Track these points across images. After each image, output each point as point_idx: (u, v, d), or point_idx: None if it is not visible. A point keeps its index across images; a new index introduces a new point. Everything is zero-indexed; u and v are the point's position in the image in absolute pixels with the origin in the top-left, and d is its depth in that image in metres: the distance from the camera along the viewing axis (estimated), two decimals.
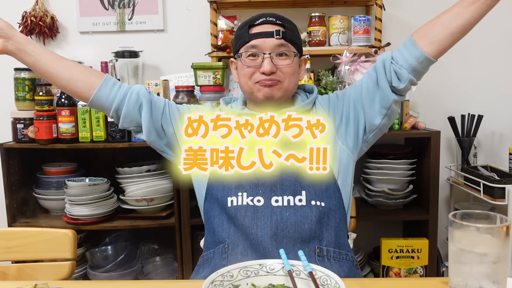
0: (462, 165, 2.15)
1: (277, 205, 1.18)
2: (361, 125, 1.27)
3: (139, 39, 2.28)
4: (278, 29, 1.24)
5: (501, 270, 0.79)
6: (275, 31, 1.23)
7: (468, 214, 0.83)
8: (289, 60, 1.26)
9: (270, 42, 1.23)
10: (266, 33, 1.24)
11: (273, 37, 1.23)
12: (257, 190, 1.20)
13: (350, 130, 1.27)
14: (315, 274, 0.84)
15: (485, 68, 2.28)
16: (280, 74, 1.25)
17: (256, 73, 1.25)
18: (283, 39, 1.24)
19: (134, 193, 2.03)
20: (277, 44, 1.24)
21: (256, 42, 1.24)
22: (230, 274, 0.83)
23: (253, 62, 1.25)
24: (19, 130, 2.02)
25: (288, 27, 1.26)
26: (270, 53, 1.23)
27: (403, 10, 2.26)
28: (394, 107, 1.26)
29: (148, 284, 1.17)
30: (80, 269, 2.14)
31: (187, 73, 2.16)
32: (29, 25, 2.21)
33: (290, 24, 1.28)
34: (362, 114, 1.27)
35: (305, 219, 1.17)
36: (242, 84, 1.30)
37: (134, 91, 1.28)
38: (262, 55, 1.24)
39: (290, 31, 1.26)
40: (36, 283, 0.92)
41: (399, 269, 2.01)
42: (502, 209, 1.85)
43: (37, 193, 2.12)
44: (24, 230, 1.30)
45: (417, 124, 2.08)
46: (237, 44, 1.29)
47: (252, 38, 1.24)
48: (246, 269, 0.86)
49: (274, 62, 1.24)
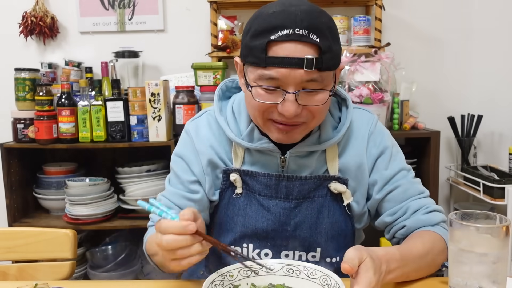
0: (462, 165, 2.16)
1: None
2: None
3: (139, 39, 2.28)
4: (311, 56, 0.84)
5: (501, 270, 0.79)
6: (306, 59, 0.83)
7: (468, 214, 0.83)
8: (322, 96, 0.89)
9: (296, 76, 0.85)
10: (292, 61, 0.84)
11: (302, 68, 0.84)
12: (265, 243, 1.03)
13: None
14: (315, 274, 0.83)
15: (485, 68, 2.28)
16: (306, 114, 0.91)
17: (271, 110, 0.91)
18: (317, 70, 0.85)
19: (134, 193, 2.03)
20: (306, 79, 0.86)
21: (276, 73, 0.85)
22: (230, 274, 0.82)
23: (269, 97, 0.89)
24: (20, 130, 2.02)
25: (326, 47, 0.85)
26: (296, 92, 0.86)
27: (403, 10, 2.26)
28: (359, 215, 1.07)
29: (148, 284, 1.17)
30: (80, 269, 2.14)
31: (187, 73, 2.16)
32: (29, 25, 2.21)
33: (328, 37, 0.86)
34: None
35: None
36: (249, 112, 0.98)
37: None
38: (283, 92, 0.87)
39: (328, 55, 0.86)
40: (36, 283, 0.92)
41: None
42: (501, 209, 1.85)
43: (37, 193, 2.12)
44: (24, 230, 1.30)
45: (417, 124, 2.08)
46: (246, 56, 0.90)
47: (271, 64, 0.85)
48: (246, 269, 0.85)
49: (300, 100, 0.87)
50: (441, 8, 2.26)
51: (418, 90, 2.19)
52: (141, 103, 1.96)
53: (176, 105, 1.97)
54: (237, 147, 1.03)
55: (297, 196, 1.01)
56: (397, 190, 1.03)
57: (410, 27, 2.27)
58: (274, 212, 1.01)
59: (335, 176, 1.01)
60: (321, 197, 1.02)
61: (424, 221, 1.00)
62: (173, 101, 2.00)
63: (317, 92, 0.89)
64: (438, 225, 1.01)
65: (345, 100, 1.05)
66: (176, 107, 1.97)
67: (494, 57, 2.27)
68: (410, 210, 1.02)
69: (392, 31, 2.24)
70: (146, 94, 1.94)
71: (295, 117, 0.89)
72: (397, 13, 2.26)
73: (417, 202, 1.03)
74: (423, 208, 1.02)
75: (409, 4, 2.26)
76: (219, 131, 1.04)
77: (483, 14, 2.25)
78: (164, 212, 0.80)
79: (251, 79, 0.90)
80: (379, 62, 1.95)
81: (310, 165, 1.02)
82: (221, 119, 1.03)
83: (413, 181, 1.06)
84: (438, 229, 1.00)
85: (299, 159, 1.01)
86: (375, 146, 1.04)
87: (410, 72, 2.18)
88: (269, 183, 1.00)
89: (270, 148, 0.99)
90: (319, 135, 1.01)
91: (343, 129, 1.01)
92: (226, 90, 1.11)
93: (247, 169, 1.01)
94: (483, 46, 2.27)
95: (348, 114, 1.03)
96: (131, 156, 2.21)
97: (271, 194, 1.01)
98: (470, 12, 2.25)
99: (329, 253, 1.04)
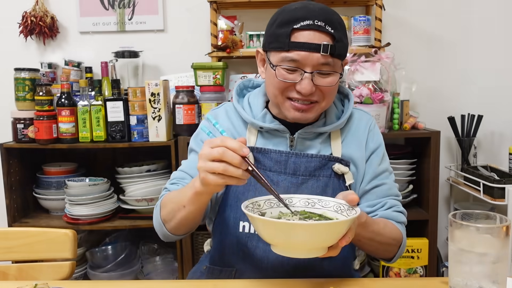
0: (462, 165, 2.16)
1: None
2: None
3: (139, 39, 2.28)
4: (327, 43, 1.02)
5: (501, 270, 0.79)
6: (322, 45, 1.02)
7: (468, 214, 0.83)
8: (333, 79, 1.07)
9: (314, 59, 1.03)
10: (311, 46, 1.02)
11: (319, 52, 1.02)
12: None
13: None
14: (328, 204, 0.96)
15: (485, 68, 2.28)
16: (319, 94, 1.08)
17: (290, 89, 1.08)
18: (330, 56, 1.04)
19: (134, 193, 2.03)
20: (321, 62, 1.04)
21: (297, 56, 1.03)
22: (258, 204, 0.95)
23: (289, 76, 1.06)
24: (19, 130, 2.02)
25: (338, 38, 1.04)
26: (312, 72, 1.04)
27: (403, 10, 2.26)
28: None
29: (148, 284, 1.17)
30: (80, 269, 2.14)
31: (187, 73, 2.16)
32: (29, 25, 2.21)
33: (340, 30, 1.06)
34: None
35: (319, 258, 1.07)
36: (269, 92, 1.13)
37: None
38: (301, 72, 1.04)
39: (340, 44, 1.05)
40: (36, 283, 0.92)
41: (399, 269, 2.01)
42: (502, 209, 1.85)
43: (37, 193, 2.12)
44: (24, 230, 1.30)
45: (417, 124, 2.08)
46: (271, 43, 1.08)
47: (294, 48, 1.03)
48: (270, 201, 0.97)
49: (315, 80, 1.05)
50: (441, 8, 2.26)
51: (418, 90, 2.19)
52: (141, 103, 1.96)
53: (176, 105, 1.97)
54: (251, 128, 1.18)
55: (303, 172, 1.12)
56: (382, 187, 1.18)
57: (410, 27, 2.27)
58: (282, 186, 1.11)
59: (338, 158, 1.14)
60: (326, 177, 1.13)
61: (393, 217, 1.15)
62: (173, 101, 2.00)
63: (329, 74, 1.07)
64: (400, 224, 1.17)
65: (347, 95, 1.23)
66: (176, 107, 1.97)
67: (494, 57, 2.27)
68: (386, 206, 1.16)
69: (392, 31, 2.24)
70: (146, 94, 1.94)
71: (310, 95, 1.06)
72: (397, 13, 2.26)
73: (393, 201, 1.18)
74: (395, 207, 1.18)
75: (409, 4, 2.26)
76: (236, 117, 1.20)
77: (483, 14, 2.25)
78: (211, 133, 0.97)
79: (274, 62, 1.07)
80: (379, 62, 1.95)
81: (315, 146, 1.16)
82: (238, 106, 1.20)
83: (394, 184, 1.22)
84: (400, 226, 1.16)
85: (306, 140, 1.16)
86: (373, 141, 1.20)
87: (410, 72, 2.18)
88: (279, 159, 1.13)
89: (281, 129, 1.14)
90: (325, 121, 1.17)
91: (345, 116, 1.17)
92: (243, 88, 1.28)
93: (260, 147, 1.14)
94: (483, 46, 2.27)
95: (350, 105, 1.19)
96: (131, 156, 2.21)
97: (281, 169, 1.12)
98: (470, 12, 2.25)
99: None
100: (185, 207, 1.01)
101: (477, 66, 2.28)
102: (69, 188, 2.01)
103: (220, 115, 1.22)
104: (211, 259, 1.20)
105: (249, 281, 1.04)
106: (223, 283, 1.05)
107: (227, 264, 1.15)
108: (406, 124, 2.05)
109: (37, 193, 2.13)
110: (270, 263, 1.09)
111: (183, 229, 1.09)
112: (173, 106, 1.99)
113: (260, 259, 1.10)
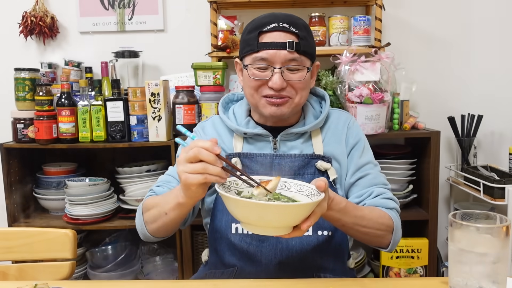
0: (462, 165, 2.15)
1: None
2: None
3: (139, 39, 2.28)
4: (291, 40, 1.13)
5: (501, 270, 0.79)
6: (287, 42, 1.12)
7: (468, 214, 0.83)
8: (301, 74, 1.16)
9: (281, 55, 1.13)
10: (277, 44, 1.13)
11: (285, 49, 1.12)
12: None
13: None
14: (302, 189, 1.00)
15: (485, 68, 2.28)
16: (290, 90, 1.16)
17: (263, 87, 1.17)
18: (296, 52, 1.13)
19: (134, 193, 2.03)
20: (289, 58, 1.13)
21: (265, 55, 1.13)
22: (236, 182, 1.00)
23: (261, 74, 1.15)
24: (19, 130, 2.02)
25: (302, 36, 1.14)
26: (281, 67, 1.14)
27: (403, 10, 2.26)
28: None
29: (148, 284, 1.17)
30: (80, 269, 2.14)
31: (187, 73, 2.16)
32: (29, 25, 2.21)
33: (304, 31, 1.16)
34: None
35: (310, 248, 1.17)
36: (247, 94, 1.22)
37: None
38: (271, 68, 1.14)
39: (304, 42, 1.15)
40: (36, 283, 0.92)
41: (399, 269, 2.01)
42: (502, 209, 1.85)
43: (37, 193, 2.12)
44: (24, 230, 1.30)
45: (417, 124, 2.08)
46: (244, 49, 1.19)
47: (262, 48, 1.14)
48: (249, 183, 1.01)
49: (285, 76, 1.14)
50: (441, 8, 2.26)
51: (418, 90, 2.19)
52: (141, 103, 1.96)
53: (176, 105, 1.97)
54: (237, 136, 1.26)
55: (288, 172, 1.19)
56: (366, 178, 1.22)
57: (410, 27, 2.27)
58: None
59: (320, 155, 1.22)
60: (310, 175, 1.20)
61: (381, 204, 1.18)
62: (173, 101, 2.00)
63: (297, 70, 1.16)
64: (391, 210, 1.18)
65: (323, 96, 1.31)
66: (176, 107, 1.97)
67: (494, 57, 2.27)
68: (373, 194, 1.20)
69: (392, 31, 2.24)
70: (146, 94, 1.94)
71: (282, 90, 1.15)
72: (397, 13, 2.26)
73: (380, 189, 1.21)
74: (384, 195, 1.20)
75: (409, 4, 2.26)
76: (222, 127, 1.29)
77: (483, 14, 2.25)
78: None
79: (248, 66, 1.17)
80: (379, 62, 1.95)
81: (298, 147, 1.23)
82: (224, 117, 1.28)
83: (380, 174, 1.26)
84: (389, 212, 1.17)
85: (288, 142, 1.24)
86: (352, 136, 1.26)
87: (410, 72, 2.18)
88: (265, 162, 1.21)
89: (264, 133, 1.22)
90: (304, 123, 1.25)
91: (322, 115, 1.25)
92: (228, 102, 1.37)
93: (246, 152, 1.23)
94: (483, 46, 2.27)
95: (326, 104, 1.27)
96: (131, 156, 2.21)
97: (267, 172, 1.19)
98: (470, 12, 2.25)
99: (320, 227, 1.18)
100: (167, 214, 1.07)
101: (477, 66, 2.28)
102: (69, 188, 2.01)
103: (207, 127, 1.32)
104: (211, 265, 1.26)
105: (249, 281, 1.04)
106: (223, 283, 1.05)
107: (227, 265, 1.20)
108: (406, 124, 2.05)
109: (37, 193, 2.13)
110: (264, 256, 1.16)
111: (163, 233, 1.17)
112: (173, 106, 1.99)
113: (254, 254, 1.17)
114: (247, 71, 1.17)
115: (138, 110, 1.96)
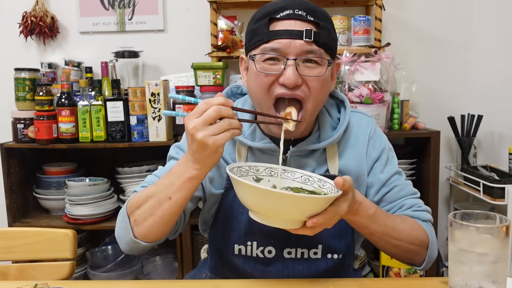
0: (462, 165, 2.16)
1: (289, 257, 1.06)
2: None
3: (139, 39, 2.28)
4: (309, 28, 0.93)
5: (501, 270, 0.79)
6: (305, 30, 0.92)
7: (468, 214, 0.83)
8: (320, 70, 0.96)
9: (296, 45, 0.93)
10: (292, 33, 0.93)
11: (301, 39, 0.93)
12: (268, 240, 1.05)
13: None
14: (324, 185, 0.93)
15: (485, 68, 2.28)
16: (305, 90, 0.96)
17: (274, 85, 0.96)
18: (315, 44, 0.94)
19: None
20: (306, 50, 0.94)
21: (277, 44, 0.93)
22: (256, 168, 0.92)
23: (271, 68, 0.95)
24: (19, 130, 2.02)
25: (323, 26, 0.95)
26: (296, 58, 0.93)
27: (403, 10, 2.26)
28: None
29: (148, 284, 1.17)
30: (80, 269, 2.14)
31: (187, 73, 2.16)
32: (29, 25, 2.21)
33: (325, 20, 0.97)
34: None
35: (318, 273, 1.06)
36: (253, 95, 1.02)
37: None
38: (284, 60, 0.94)
39: (325, 32, 0.95)
40: (36, 283, 0.92)
41: (399, 269, 2.01)
42: (501, 209, 1.85)
43: (37, 193, 2.12)
44: (24, 230, 1.30)
45: (417, 124, 2.08)
46: (251, 40, 0.98)
47: (273, 37, 0.94)
48: (271, 169, 0.95)
49: (300, 71, 0.94)
50: (441, 8, 2.26)
51: (418, 90, 2.19)
52: (141, 103, 1.96)
53: (176, 105, 1.97)
54: (240, 147, 1.07)
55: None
56: (393, 191, 1.08)
57: (410, 27, 2.27)
58: None
59: (335, 175, 1.01)
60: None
61: (415, 216, 1.06)
62: (173, 101, 2.00)
63: (315, 65, 0.96)
64: (425, 222, 1.07)
65: (343, 102, 1.11)
66: (176, 107, 1.97)
67: (494, 57, 2.27)
68: (405, 207, 1.08)
69: (392, 31, 2.24)
70: (146, 94, 1.94)
71: (295, 88, 0.95)
72: (397, 13, 2.26)
73: (411, 201, 1.09)
74: (416, 206, 1.08)
75: (409, 4, 2.26)
76: None
77: (483, 14, 2.25)
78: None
79: (256, 58, 0.97)
80: (379, 62, 1.95)
81: (310, 165, 1.06)
82: None
83: (406, 182, 1.12)
84: (424, 224, 1.05)
85: (300, 158, 1.05)
86: (374, 149, 1.09)
87: (410, 72, 2.18)
88: None
89: (272, 148, 1.04)
90: (319, 135, 1.06)
91: (341, 128, 1.06)
92: (231, 95, 1.18)
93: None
94: (483, 46, 2.27)
95: (346, 115, 1.08)
96: (131, 156, 2.21)
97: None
98: (470, 12, 2.25)
99: (330, 250, 1.07)
100: (171, 198, 0.92)
101: (477, 66, 2.28)
102: (69, 188, 2.01)
103: None
104: (211, 269, 1.18)
105: (249, 281, 1.04)
106: (223, 283, 1.05)
107: (227, 277, 1.12)
108: (406, 124, 2.05)
109: (37, 193, 2.13)
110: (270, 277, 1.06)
111: (156, 231, 0.97)
112: (173, 106, 1.99)
113: (259, 279, 1.06)
114: (254, 64, 0.96)
115: (138, 110, 1.97)
